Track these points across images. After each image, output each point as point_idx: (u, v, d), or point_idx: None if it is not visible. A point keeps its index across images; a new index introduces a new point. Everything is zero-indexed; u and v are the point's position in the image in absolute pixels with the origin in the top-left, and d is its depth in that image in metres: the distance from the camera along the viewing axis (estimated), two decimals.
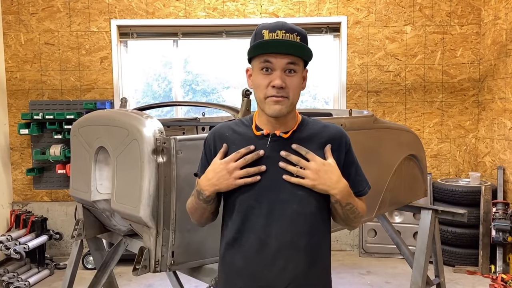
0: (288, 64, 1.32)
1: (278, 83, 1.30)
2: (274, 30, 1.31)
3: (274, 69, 1.32)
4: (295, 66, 1.33)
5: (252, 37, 1.37)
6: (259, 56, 1.33)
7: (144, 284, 4.09)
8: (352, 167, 1.44)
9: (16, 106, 4.90)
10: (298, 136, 1.40)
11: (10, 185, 4.93)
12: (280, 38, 1.30)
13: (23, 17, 4.83)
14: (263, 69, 1.33)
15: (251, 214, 1.36)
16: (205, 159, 1.48)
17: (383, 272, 4.35)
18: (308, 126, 1.43)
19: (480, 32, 4.83)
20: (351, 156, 1.44)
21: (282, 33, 1.30)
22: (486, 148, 4.77)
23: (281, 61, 1.31)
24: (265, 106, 1.35)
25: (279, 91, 1.31)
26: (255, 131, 1.41)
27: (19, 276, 4.11)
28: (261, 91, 1.34)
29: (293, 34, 1.31)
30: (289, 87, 1.33)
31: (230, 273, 1.43)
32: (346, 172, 1.41)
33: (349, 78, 4.88)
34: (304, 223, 1.36)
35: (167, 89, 5.68)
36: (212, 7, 4.84)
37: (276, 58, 1.31)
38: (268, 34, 1.31)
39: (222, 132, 1.45)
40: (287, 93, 1.32)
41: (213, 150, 1.44)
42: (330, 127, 1.44)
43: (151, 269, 1.83)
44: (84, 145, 2.21)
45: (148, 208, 1.78)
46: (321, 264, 1.41)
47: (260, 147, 1.38)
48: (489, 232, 4.25)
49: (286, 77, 1.32)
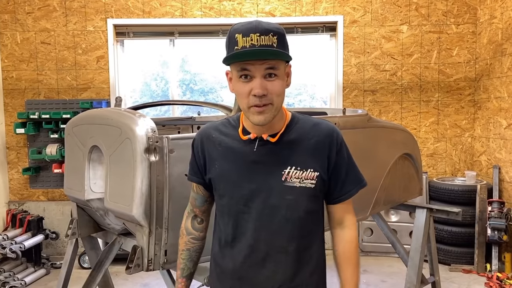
0: (267, 69, 1.25)
1: (259, 92, 1.24)
2: (248, 34, 1.22)
3: (254, 76, 1.25)
4: (275, 70, 1.26)
5: (226, 41, 1.29)
6: (235, 64, 1.27)
7: (140, 283, 4.09)
8: (342, 168, 1.40)
9: (12, 106, 4.89)
10: (286, 138, 1.36)
11: (7, 185, 4.93)
12: (255, 43, 1.21)
13: (19, 16, 4.83)
14: (241, 77, 1.26)
15: (241, 219, 1.36)
16: (194, 161, 1.47)
17: (379, 271, 4.36)
18: (298, 125, 1.39)
19: (476, 31, 4.84)
20: (343, 155, 1.40)
21: (256, 37, 1.21)
22: (482, 147, 4.78)
23: (260, 67, 1.24)
24: (249, 115, 1.30)
25: (261, 99, 1.25)
26: (242, 136, 1.37)
27: (15, 275, 4.10)
28: (243, 99, 1.28)
29: (268, 36, 1.22)
30: (272, 92, 1.26)
31: (220, 274, 1.43)
32: (335, 172, 1.39)
33: (346, 78, 4.88)
34: (293, 227, 1.35)
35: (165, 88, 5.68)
36: (208, 6, 4.84)
37: (254, 66, 1.24)
38: (242, 39, 1.22)
39: (208, 133, 1.43)
40: (270, 99, 1.26)
41: (200, 151, 1.43)
42: (320, 125, 1.40)
43: (144, 268, 1.83)
44: (78, 144, 2.21)
45: (141, 206, 1.78)
46: (312, 266, 1.41)
47: (247, 152, 1.36)
48: (484, 231, 4.26)
49: (267, 82, 1.25)
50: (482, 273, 4.22)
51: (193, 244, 1.52)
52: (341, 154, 1.40)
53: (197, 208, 1.51)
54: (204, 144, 1.43)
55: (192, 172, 1.47)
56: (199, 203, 1.51)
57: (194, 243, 1.52)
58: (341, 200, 1.43)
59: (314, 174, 1.34)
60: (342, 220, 1.45)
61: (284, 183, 1.33)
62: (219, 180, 1.39)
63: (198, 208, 1.51)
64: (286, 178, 1.33)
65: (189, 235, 1.52)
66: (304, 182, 1.33)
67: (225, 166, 1.38)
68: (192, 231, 1.52)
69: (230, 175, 1.37)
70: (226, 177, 1.38)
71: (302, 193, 1.34)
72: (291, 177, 1.33)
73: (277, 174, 1.33)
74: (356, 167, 1.46)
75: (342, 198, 1.43)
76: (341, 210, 1.44)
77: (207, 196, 1.49)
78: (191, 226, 1.52)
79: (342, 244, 1.44)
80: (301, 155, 1.34)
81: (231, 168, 1.37)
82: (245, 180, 1.34)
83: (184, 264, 1.53)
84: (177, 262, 1.55)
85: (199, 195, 1.49)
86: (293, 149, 1.35)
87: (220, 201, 1.41)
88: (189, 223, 1.52)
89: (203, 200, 1.50)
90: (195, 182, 1.48)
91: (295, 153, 1.34)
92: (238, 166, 1.36)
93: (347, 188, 1.42)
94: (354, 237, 1.44)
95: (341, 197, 1.43)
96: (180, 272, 1.53)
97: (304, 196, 1.34)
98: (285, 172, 1.33)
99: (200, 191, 1.49)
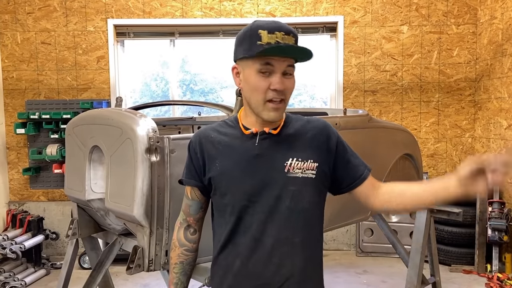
0: (288, 67, 1.31)
1: (280, 87, 1.29)
2: (273, 32, 1.28)
3: (274, 72, 1.30)
4: (293, 69, 1.33)
5: (247, 36, 1.31)
6: (259, 58, 1.29)
7: (140, 284, 4.09)
8: (347, 153, 1.44)
9: (13, 106, 4.89)
10: (286, 132, 1.40)
11: (7, 185, 4.92)
12: (280, 40, 1.28)
13: (20, 17, 4.83)
14: (262, 71, 1.30)
15: (245, 214, 1.36)
16: (190, 163, 1.45)
17: (379, 271, 4.36)
18: (293, 122, 1.44)
19: (476, 31, 4.84)
20: (343, 145, 1.45)
21: (282, 35, 1.28)
22: (482, 148, 4.78)
23: (283, 64, 1.30)
24: (263, 110, 1.33)
25: (279, 94, 1.31)
26: (244, 130, 1.39)
27: (15, 275, 4.10)
28: (259, 94, 1.31)
29: (290, 36, 1.29)
30: (288, 89, 1.33)
31: (224, 274, 1.41)
32: (343, 161, 1.42)
33: (346, 78, 4.88)
34: (298, 218, 1.35)
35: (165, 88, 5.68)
36: (209, 6, 4.84)
37: (278, 61, 1.29)
38: (268, 35, 1.27)
39: (207, 134, 1.44)
40: (285, 95, 1.33)
41: (199, 152, 1.42)
42: (313, 121, 1.45)
43: (145, 268, 1.83)
44: (78, 144, 2.21)
45: (142, 207, 1.78)
46: (316, 260, 1.42)
47: (249, 146, 1.37)
48: (485, 231, 4.26)
49: (285, 80, 1.31)
50: (483, 273, 4.22)
51: (186, 256, 1.50)
52: (342, 144, 1.44)
53: (191, 217, 1.49)
54: (202, 144, 1.42)
55: (190, 175, 1.45)
56: (194, 211, 1.48)
57: (187, 255, 1.50)
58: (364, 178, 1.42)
59: (314, 164, 1.37)
60: (374, 186, 1.43)
61: (287, 174, 1.35)
62: (221, 178, 1.38)
63: (192, 217, 1.49)
64: (289, 169, 1.35)
65: (182, 247, 1.50)
66: (306, 173, 1.36)
67: (226, 164, 1.38)
68: (185, 242, 1.50)
69: (232, 171, 1.37)
70: (228, 174, 1.37)
71: (305, 183, 1.36)
72: (293, 168, 1.35)
73: (280, 166, 1.35)
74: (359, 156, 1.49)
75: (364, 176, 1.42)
76: (369, 184, 1.43)
77: (203, 202, 1.48)
78: (184, 237, 1.50)
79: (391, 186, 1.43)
80: (301, 147, 1.38)
81: (233, 164, 1.37)
82: (248, 175, 1.35)
83: (178, 279, 1.51)
84: (170, 277, 1.52)
85: (195, 201, 1.47)
86: (293, 142, 1.38)
87: (221, 201, 1.40)
88: (182, 234, 1.50)
89: (198, 206, 1.48)
90: (192, 185, 1.46)
91: (295, 145, 1.38)
92: (240, 162, 1.36)
93: (361, 168, 1.44)
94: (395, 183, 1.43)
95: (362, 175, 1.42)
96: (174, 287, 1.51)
97: (307, 187, 1.36)
98: (287, 163, 1.35)
99: (196, 196, 1.47)
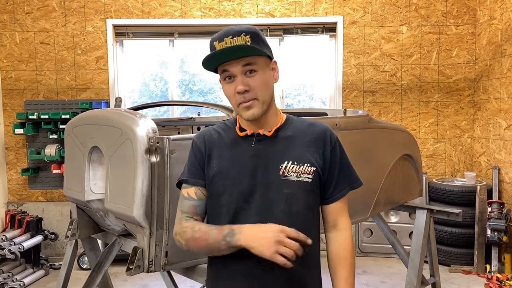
0: (245, 66, 1.32)
1: (240, 89, 1.32)
2: (222, 39, 1.32)
3: (235, 76, 1.33)
4: (254, 66, 1.33)
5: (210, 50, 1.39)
6: (219, 68, 1.36)
7: (140, 284, 4.08)
8: (335, 167, 1.42)
9: (11, 106, 4.87)
10: (283, 134, 1.41)
11: (5, 185, 4.91)
12: (228, 45, 1.31)
13: (18, 17, 4.81)
14: (225, 79, 1.36)
15: (240, 215, 1.35)
16: (195, 163, 1.43)
17: (379, 271, 4.36)
18: (293, 124, 1.44)
19: (475, 32, 4.85)
20: (336, 154, 1.43)
21: (229, 40, 1.31)
22: (481, 148, 4.78)
23: (237, 66, 1.32)
24: (240, 112, 1.37)
25: (244, 96, 1.32)
26: (239, 132, 1.42)
27: (14, 276, 4.09)
28: (231, 100, 1.36)
29: (240, 36, 1.31)
30: (254, 87, 1.33)
31: (220, 276, 1.40)
32: (329, 171, 1.41)
33: (345, 78, 4.88)
34: (292, 222, 1.33)
35: (164, 89, 5.67)
36: (208, 6, 4.83)
37: (231, 65, 1.32)
38: (219, 45, 1.32)
39: (209, 134, 1.46)
40: (254, 94, 1.33)
41: (204, 150, 1.43)
42: (315, 125, 1.44)
43: (145, 269, 1.82)
44: (78, 145, 2.20)
45: (142, 208, 1.78)
46: (312, 262, 1.41)
47: (245, 148, 1.39)
48: (484, 231, 4.26)
49: (248, 79, 1.33)
50: (482, 274, 4.22)
51: None
52: (335, 153, 1.43)
53: (199, 216, 1.43)
54: (206, 143, 1.44)
55: (196, 175, 1.42)
56: (201, 210, 1.44)
57: None
58: (334, 200, 1.44)
59: (311, 169, 1.37)
60: (336, 222, 1.44)
61: (282, 177, 1.35)
62: (218, 178, 1.38)
63: (200, 216, 1.44)
64: (283, 172, 1.36)
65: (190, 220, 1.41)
66: (301, 177, 1.36)
67: (223, 164, 1.39)
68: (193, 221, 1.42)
69: (229, 172, 1.38)
70: (224, 174, 1.38)
71: (300, 187, 1.36)
72: (288, 171, 1.36)
73: (275, 169, 1.36)
74: (351, 168, 1.48)
75: (335, 197, 1.43)
76: (334, 211, 1.44)
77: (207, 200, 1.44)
78: None
79: (336, 247, 1.43)
80: (297, 150, 1.38)
81: (230, 165, 1.38)
82: (245, 176, 1.36)
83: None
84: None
85: (201, 200, 1.43)
86: (290, 145, 1.39)
87: (217, 201, 1.39)
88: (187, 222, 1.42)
89: (205, 205, 1.44)
90: (200, 185, 1.42)
91: (291, 148, 1.38)
92: (237, 163, 1.37)
93: (339, 187, 1.43)
94: (349, 239, 1.43)
95: (334, 196, 1.43)
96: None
97: (302, 190, 1.36)
98: (282, 166, 1.36)
99: (203, 195, 1.43)
